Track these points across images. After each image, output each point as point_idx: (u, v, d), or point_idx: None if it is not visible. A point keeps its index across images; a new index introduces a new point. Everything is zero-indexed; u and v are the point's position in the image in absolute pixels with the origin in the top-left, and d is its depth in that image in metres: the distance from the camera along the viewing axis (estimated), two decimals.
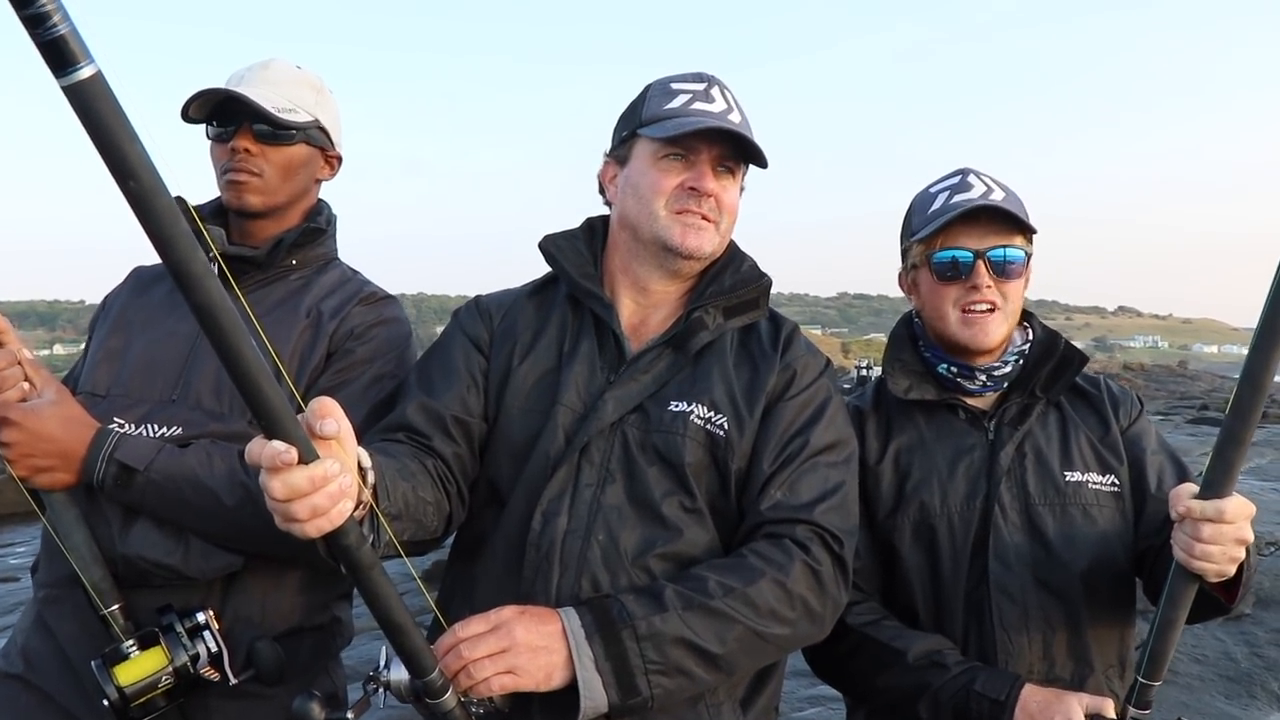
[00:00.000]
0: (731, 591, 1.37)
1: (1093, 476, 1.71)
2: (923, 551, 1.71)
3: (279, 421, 0.96)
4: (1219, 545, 1.30)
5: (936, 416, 1.79)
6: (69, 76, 0.73)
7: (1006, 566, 1.66)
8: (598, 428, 1.49)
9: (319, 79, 1.86)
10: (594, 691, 1.29)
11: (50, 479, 1.56)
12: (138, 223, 0.79)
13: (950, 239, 1.70)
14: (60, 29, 0.72)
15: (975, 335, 1.70)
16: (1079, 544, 1.66)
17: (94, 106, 0.75)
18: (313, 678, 1.76)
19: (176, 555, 1.61)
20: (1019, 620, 1.64)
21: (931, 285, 1.75)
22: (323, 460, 1.00)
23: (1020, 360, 1.78)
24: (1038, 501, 1.69)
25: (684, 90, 1.59)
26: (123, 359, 1.74)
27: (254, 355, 0.90)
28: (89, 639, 1.60)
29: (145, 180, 0.78)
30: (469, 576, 1.55)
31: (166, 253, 0.82)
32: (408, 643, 1.18)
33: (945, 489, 1.71)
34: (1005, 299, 1.71)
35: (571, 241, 1.68)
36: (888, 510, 1.74)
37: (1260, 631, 4.47)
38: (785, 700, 3.75)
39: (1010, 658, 1.63)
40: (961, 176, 1.75)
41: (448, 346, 1.64)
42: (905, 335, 1.87)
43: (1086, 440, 1.75)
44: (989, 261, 1.68)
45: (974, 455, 1.73)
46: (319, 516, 1.02)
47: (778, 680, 1.58)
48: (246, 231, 1.82)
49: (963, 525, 1.69)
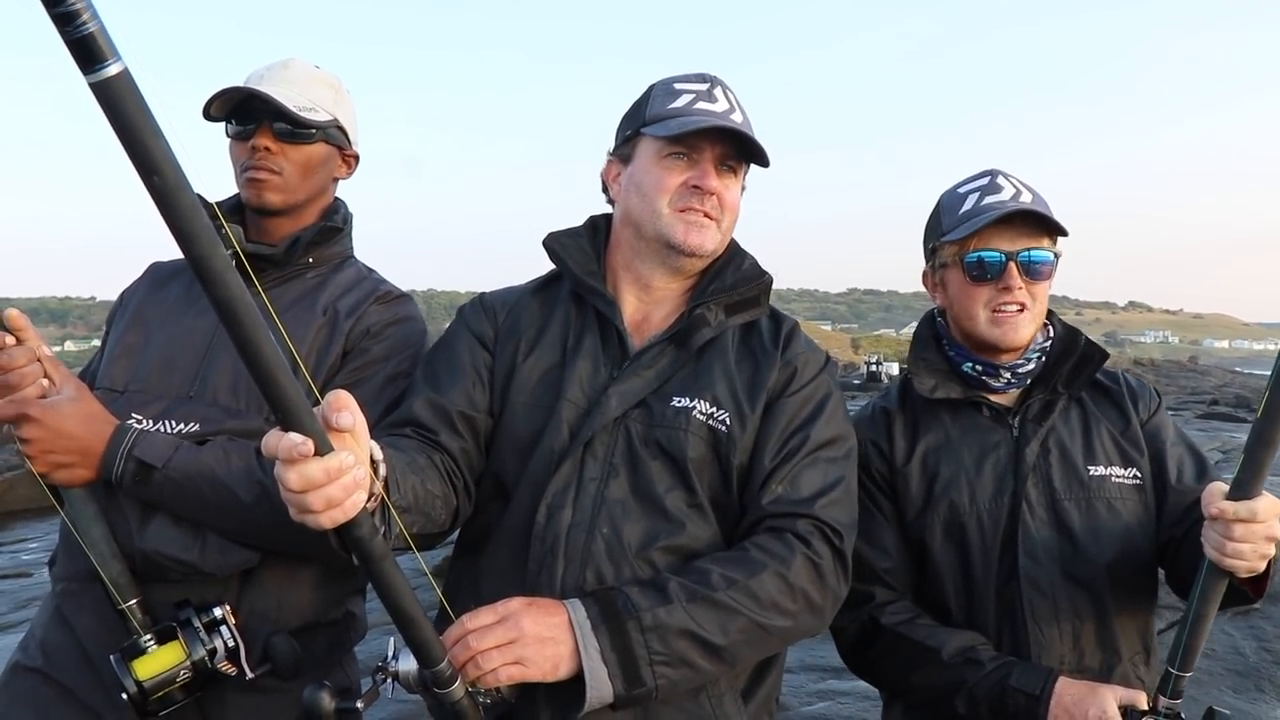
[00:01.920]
0: (734, 584, 1.38)
1: (1115, 470, 1.74)
2: (954, 549, 1.74)
3: (296, 414, 0.97)
4: (1250, 544, 1.33)
5: (962, 415, 1.81)
6: (97, 73, 0.74)
7: (1035, 561, 1.68)
8: (601, 423, 1.50)
9: (337, 79, 1.88)
10: (599, 682, 1.30)
11: (69, 475, 1.57)
12: (160, 217, 0.80)
13: (983, 241, 1.72)
14: (89, 26, 0.73)
15: (1005, 334, 1.73)
16: (1104, 537, 1.69)
17: (120, 103, 0.76)
18: (328, 671, 1.77)
19: (194, 551, 1.62)
20: (1049, 613, 1.67)
21: (963, 285, 1.76)
22: (338, 452, 1.01)
23: (1042, 357, 1.81)
24: (1063, 496, 1.71)
25: (687, 90, 1.61)
26: (140, 355, 1.75)
27: (272, 349, 0.91)
28: (107, 633, 1.62)
29: (169, 176, 0.79)
30: (474, 570, 1.57)
31: (189, 247, 0.83)
32: (418, 634, 1.19)
33: (973, 487, 1.74)
34: (1034, 299, 1.74)
35: (575, 239, 1.69)
36: (917, 510, 1.77)
37: (1269, 626, 4.46)
38: (794, 694, 3.77)
39: (1042, 649, 1.66)
40: (990, 178, 1.77)
41: (453, 343, 1.66)
42: (929, 335, 1.89)
43: (1108, 434, 1.78)
44: (1020, 263, 1.71)
45: (1000, 452, 1.76)
46: (334, 508, 1.03)
47: (778, 671, 1.60)
48: (264, 229, 1.83)
49: (991, 522, 1.72)
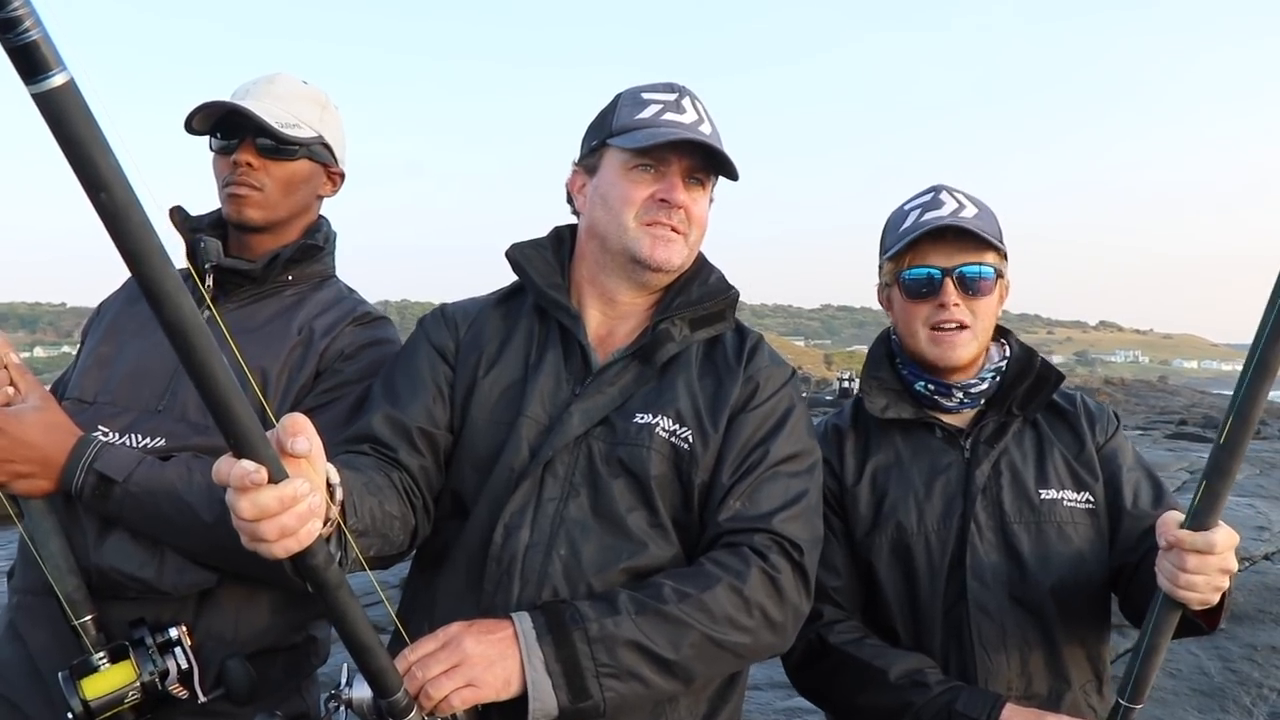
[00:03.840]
0: (687, 598, 1.37)
1: (1068, 494, 1.72)
2: (900, 571, 1.72)
3: (248, 441, 0.94)
4: (1204, 575, 1.31)
5: (914, 435, 1.79)
6: (40, 84, 0.72)
7: (983, 585, 1.67)
8: (563, 442, 1.48)
9: (324, 95, 1.87)
10: (543, 694, 1.28)
11: (29, 485, 1.54)
12: (108, 236, 0.77)
13: (919, 257, 1.72)
14: (32, 35, 0.70)
15: (944, 353, 1.72)
16: (1053, 562, 1.67)
17: (65, 116, 0.73)
18: (285, 697, 1.74)
19: (150, 569, 1.59)
20: (997, 638, 1.65)
21: (902, 303, 1.77)
22: (292, 480, 0.99)
23: (997, 377, 1.79)
24: (1013, 520, 1.70)
25: (655, 100, 1.59)
26: (112, 366, 1.73)
27: (225, 374, 0.89)
28: (60, 649, 1.58)
29: (118, 194, 0.76)
30: (430, 588, 1.54)
31: (138, 268, 0.80)
32: (373, 662, 1.16)
33: (922, 508, 1.72)
34: (975, 316, 1.72)
35: (539, 251, 1.67)
36: (865, 530, 1.75)
37: (1234, 646, 4.50)
38: (761, 712, 3.75)
39: (989, 675, 1.64)
40: (934, 194, 1.76)
41: (413, 357, 1.63)
42: (883, 354, 1.88)
43: (1062, 457, 1.76)
44: (957, 279, 1.70)
45: (950, 474, 1.74)
46: (287, 536, 1.01)
47: (739, 696, 1.58)
48: (245, 245, 1.82)
49: (939, 544, 1.70)
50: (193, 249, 1.74)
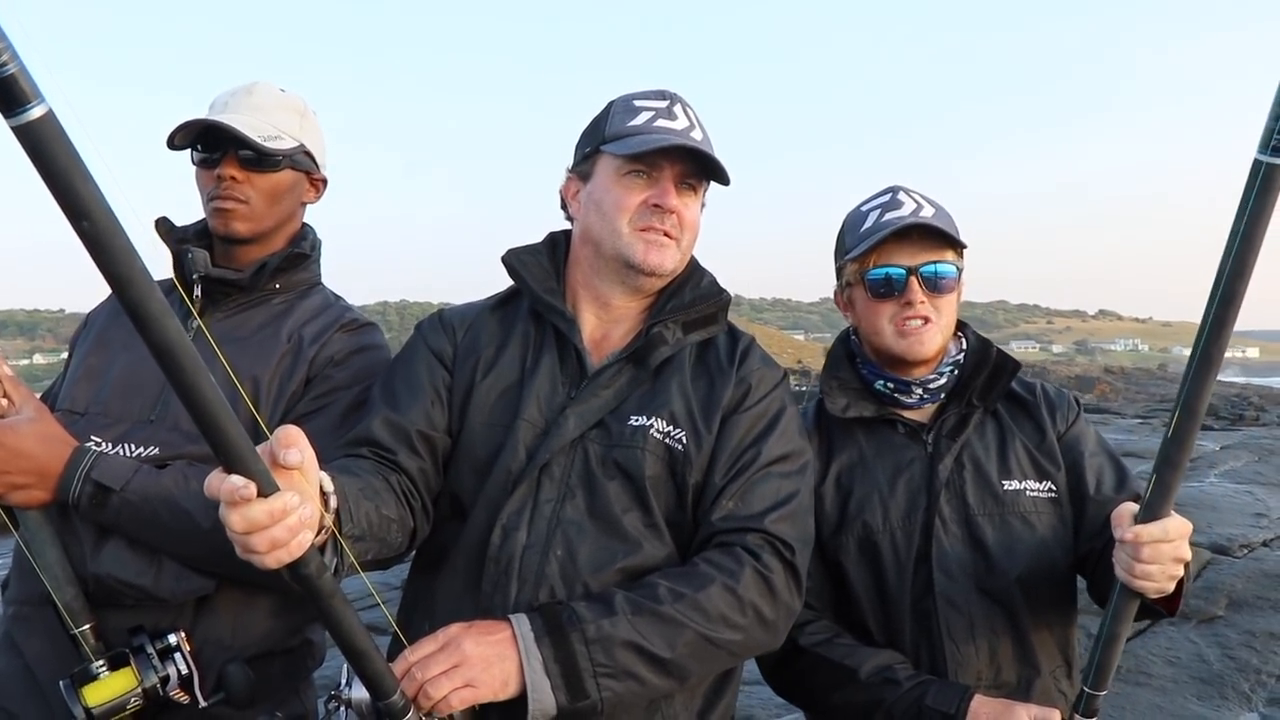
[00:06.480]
0: (682, 598, 1.39)
1: (1030, 484, 1.74)
2: (868, 568, 1.74)
3: (238, 456, 0.95)
4: (1158, 564, 1.33)
5: (876, 433, 1.81)
6: (18, 117, 0.72)
7: (950, 577, 1.69)
8: (559, 445, 1.50)
9: (303, 102, 1.87)
10: (542, 694, 1.30)
11: (25, 496, 1.55)
12: (92, 262, 0.78)
13: (883, 256, 1.74)
14: (9, 68, 0.70)
15: (911, 346, 1.74)
16: (1018, 552, 1.70)
17: (45, 147, 0.74)
18: (283, 700, 1.76)
19: (148, 576, 1.61)
20: (965, 629, 1.68)
21: (867, 302, 1.78)
22: (282, 493, 1.00)
23: (955, 371, 1.82)
24: (977, 512, 1.72)
25: (647, 107, 1.61)
26: (103, 377, 1.74)
27: (213, 391, 0.90)
28: (58, 658, 1.59)
29: (100, 221, 0.77)
30: (429, 590, 1.57)
31: (123, 293, 0.80)
32: (370, 667, 1.18)
33: (887, 505, 1.74)
34: (939, 312, 1.75)
35: (535, 256, 1.69)
36: (832, 530, 1.77)
37: (1233, 633, 4.51)
38: (763, 707, 3.77)
39: (959, 666, 1.66)
40: (891, 194, 1.79)
41: (411, 361, 1.65)
42: (842, 354, 1.90)
43: (1023, 447, 1.78)
44: (921, 277, 1.72)
45: (914, 469, 1.76)
46: (278, 548, 1.03)
47: (733, 692, 1.60)
48: (232, 255, 1.83)
49: (905, 539, 1.72)
50: (180, 260, 1.75)
